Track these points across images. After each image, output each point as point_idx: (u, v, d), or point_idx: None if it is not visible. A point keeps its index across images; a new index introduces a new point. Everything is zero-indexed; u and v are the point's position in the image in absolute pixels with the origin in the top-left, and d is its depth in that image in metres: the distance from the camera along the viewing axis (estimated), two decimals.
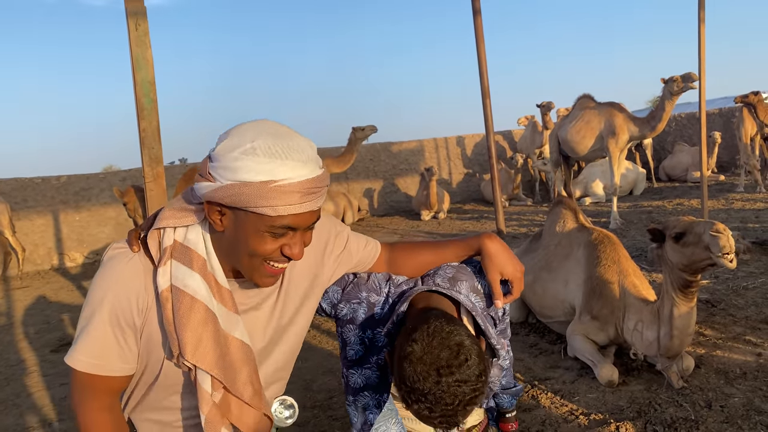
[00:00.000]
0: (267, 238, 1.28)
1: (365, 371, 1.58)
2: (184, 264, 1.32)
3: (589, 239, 4.21)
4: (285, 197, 1.23)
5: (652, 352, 3.59)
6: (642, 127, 9.01)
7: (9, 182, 11.60)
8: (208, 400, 1.33)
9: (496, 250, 1.61)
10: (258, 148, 1.21)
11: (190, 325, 1.30)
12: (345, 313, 1.61)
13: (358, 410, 1.61)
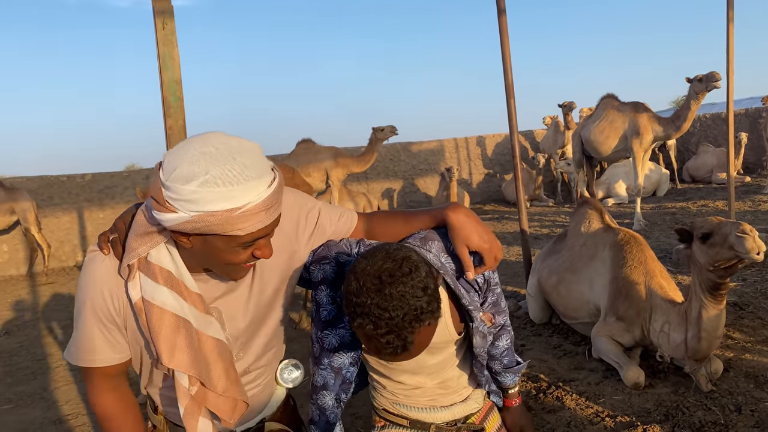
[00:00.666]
0: (239, 251, 1.34)
1: (339, 331, 1.54)
2: (150, 278, 1.38)
3: (615, 240, 4.16)
4: (251, 218, 1.27)
5: (680, 354, 3.54)
6: (667, 127, 8.90)
7: (35, 180, 11.79)
8: (185, 394, 1.43)
9: (460, 221, 1.56)
10: (217, 177, 1.22)
11: (163, 334, 1.38)
12: (316, 275, 1.57)
13: (333, 371, 1.58)
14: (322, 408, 1.63)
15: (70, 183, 12.03)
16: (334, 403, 1.62)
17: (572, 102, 12.31)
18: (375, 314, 1.24)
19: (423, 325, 1.27)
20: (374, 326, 1.25)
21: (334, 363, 1.58)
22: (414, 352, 1.33)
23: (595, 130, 9.60)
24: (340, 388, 1.61)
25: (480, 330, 1.59)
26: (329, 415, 1.64)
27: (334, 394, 1.62)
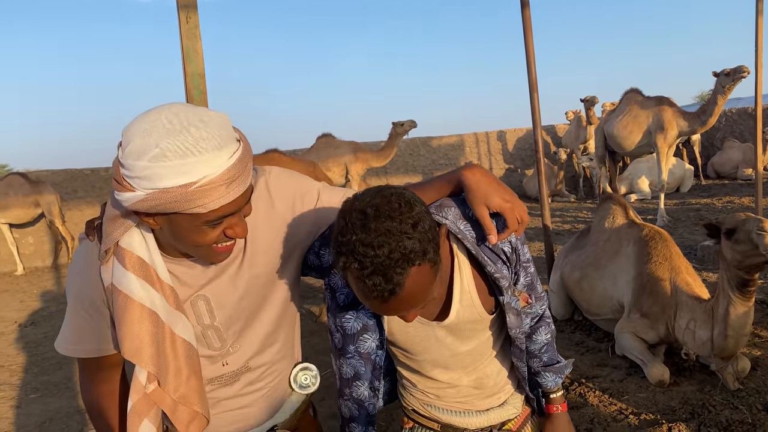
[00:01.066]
0: (206, 230, 1.23)
1: (359, 314, 1.41)
2: (120, 263, 1.29)
3: (640, 235, 4.11)
4: (211, 193, 1.15)
5: (705, 352, 3.49)
6: (692, 122, 8.75)
7: (60, 173, 11.96)
8: (139, 389, 1.31)
9: (477, 180, 1.41)
10: (167, 150, 1.11)
11: (126, 323, 1.28)
12: (327, 258, 1.45)
13: (362, 358, 1.45)
14: (359, 400, 1.52)
15: (94, 176, 12.19)
16: (370, 392, 1.51)
17: (594, 97, 12.17)
18: (360, 252, 1.10)
19: (413, 266, 1.11)
20: (360, 266, 1.11)
21: (361, 348, 1.46)
22: (405, 298, 1.15)
23: (618, 125, 9.48)
24: (373, 375, 1.49)
25: (513, 306, 1.43)
26: (368, 407, 1.53)
27: (368, 383, 1.50)
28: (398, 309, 1.19)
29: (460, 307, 1.41)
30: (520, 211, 1.41)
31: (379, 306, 1.17)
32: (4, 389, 4.88)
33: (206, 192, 1.15)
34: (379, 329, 1.44)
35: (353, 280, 1.15)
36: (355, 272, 1.13)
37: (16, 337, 6.51)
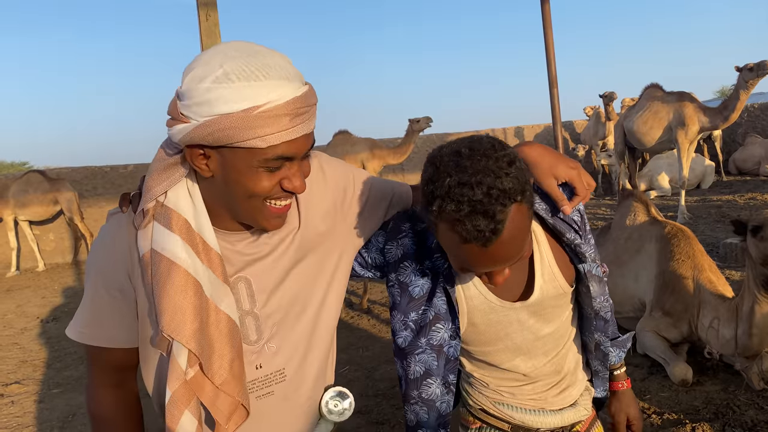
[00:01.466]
0: (262, 175, 1.11)
1: (434, 301, 1.35)
2: (163, 225, 1.16)
3: (662, 233, 4.06)
4: (273, 123, 1.06)
5: (729, 351, 3.44)
6: (714, 118, 8.63)
7: (80, 170, 12.10)
8: (179, 375, 1.14)
9: (540, 154, 1.36)
10: (231, 72, 1.04)
11: (167, 292, 1.13)
12: (395, 252, 1.40)
13: (434, 350, 1.37)
14: (430, 401, 1.41)
15: (113, 173, 12.31)
16: (442, 389, 1.40)
17: (613, 92, 12.05)
18: (456, 193, 1.04)
19: (513, 203, 1.06)
20: (456, 207, 1.05)
21: (433, 340, 1.36)
22: (506, 241, 1.07)
23: (638, 120, 9.37)
24: (446, 369, 1.39)
25: (594, 274, 1.38)
26: (440, 407, 1.42)
27: (440, 380, 1.39)
28: (497, 257, 1.10)
29: (543, 282, 1.36)
30: (586, 177, 1.38)
31: (477, 255, 1.10)
32: (27, 384, 4.95)
33: (268, 120, 1.05)
34: (452, 318, 1.36)
35: (448, 228, 1.08)
36: (452, 216, 1.06)
37: (38, 332, 6.60)
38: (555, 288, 1.38)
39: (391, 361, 4.53)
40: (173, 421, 1.15)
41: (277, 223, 1.20)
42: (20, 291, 9.23)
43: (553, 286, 1.37)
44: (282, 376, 1.30)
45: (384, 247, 1.43)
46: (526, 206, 1.11)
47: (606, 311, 1.47)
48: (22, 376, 5.17)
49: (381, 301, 6.31)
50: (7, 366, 5.50)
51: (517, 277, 1.37)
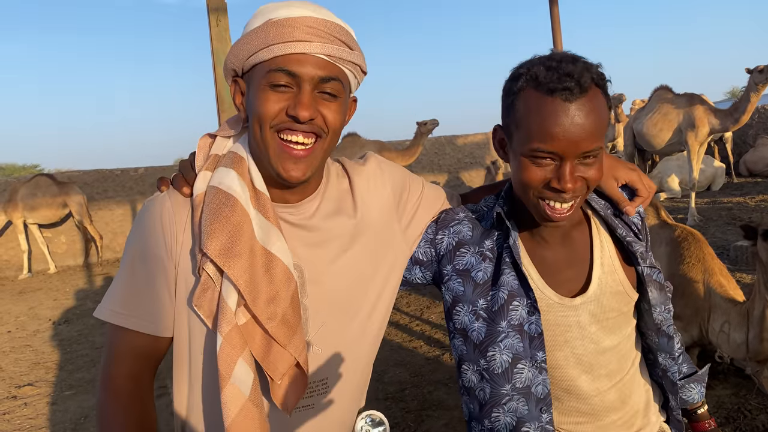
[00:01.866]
0: (269, 94, 1.10)
1: (504, 278, 1.29)
2: (225, 166, 1.16)
3: (672, 236, 4.04)
4: (281, 32, 1.08)
5: (740, 355, 3.42)
6: (724, 120, 8.59)
7: (91, 173, 12.19)
8: (230, 318, 1.07)
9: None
10: (270, 2, 1.14)
11: (219, 218, 1.09)
12: (448, 242, 1.35)
13: (516, 330, 1.27)
14: (526, 389, 1.27)
15: (124, 176, 12.40)
16: (534, 372, 1.27)
17: (622, 94, 12.02)
18: (543, 58, 1.17)
19: (594, 82, 1.14)
20: (545, 64, 1.14)
21: (513, 320, 1.27)
22: (588, 107, 1.12)
23: (648, 122, 9.35)
24: (532, 349, 1.27)
25: (654, 279, 1.32)
26: (537, 390, 1.27)
27: (530, 361, 1.27)
28: (575, 124, 1.11)
29: (602, 273, 1.31)
30: (646, 180, 1.38)
31: (558, 114, 1.11)
32: (40, 386, 5.00)
33: (277, 30, 1.08)
34: (526, 292, 1.28)
35: (533, 88, 1.15)
36: (541, 70, 1.14)
37: (51, 334, 6.66)
38: (615, 283, 1.31)
39: (401, 364, 4.54)
40: (227, 369, 1.06)
41: (293, 169, 1.13)
42: (33, 293, 9.32)
43: (613, 279, 1.31)
44: (325, 386, 1.22)
45: (435, 238, 1.38)
46: (605, 99, 1.17)
47: (668, 325, 1.36)
48: (35, 378, 5.22)
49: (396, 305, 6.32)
50: (20, 368, 5.55)
51: (575, 270, 1.32)
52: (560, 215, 1.19)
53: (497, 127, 1.30)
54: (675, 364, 1.38)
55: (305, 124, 1.11)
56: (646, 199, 1.37)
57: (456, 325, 1.34)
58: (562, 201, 1.18)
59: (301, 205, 1.22)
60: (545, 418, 1.27)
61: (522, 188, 1.22)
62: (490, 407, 1.30)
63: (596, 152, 1.15)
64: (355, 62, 1.16)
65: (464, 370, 1.35)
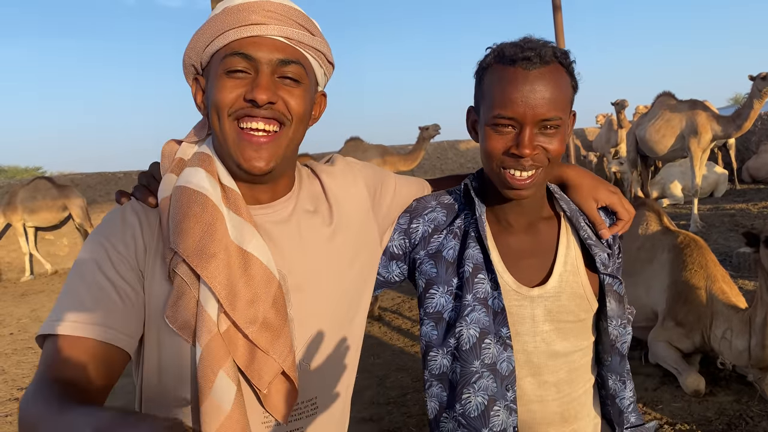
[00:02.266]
0: (225, 81, 1.05)
1: (469, 252, 1.29)
2: (192, 166, 1.09)
3: (675, 242, 4.05)
4: (236, 17, 1.04)
5: (742, 362, 3.43)
6: (727, 127, 8.59)
7: (94, 176, 12.22)
8: (211, 327, 0.98)
9: (579, 175, 1.38)
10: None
11: (190, 216, 1.02)
12: (422, 229, 1.35)
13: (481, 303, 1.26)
14: (492, 365, 1.25)
15: (127, 180, 12.41)
16: (499, 348, 1.26)
17: (624, 100, 12.04)
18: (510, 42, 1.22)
19: (558, 60, 1.20)
20: (510, 44, 1.21)
21: (479, 293, 1.26)
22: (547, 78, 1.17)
23: (650, 128, 9.35)
24: (497, 324, 1.26)
25: (615, 290, 1.31)
26: (502, 367, 1.25)
27: (494, 337, 1.26)
28: (535, 90, 1.16)
29: (564, 271, 1.30)
30: (627, 204, 1.37)
31: (519, 81, 1.17)
32: None
33: (232, 15, 1.04)
34: (487, 267, 1.28)
35: (498, 61, 1.21)
36: (506, 46, 1.21)
37: None
38: (576, 284, 1.30)
39: (403, 368, 4.54)
40: (207, 383, 0.98)
41: (255, 158, 1.06)
42: (35, 296, 9.33)
43: (575, 280, 1.30)
44: (314, 407, 1.14)
45: (409, 227, 1.37)
46: (569, 78, 1.22)
47: (623, 343, 1.34)
48: None
49: (392, 308, 6.32)
50: (22, 370, 5.55)
51: (537, 261, 1.32)
52: (521, 183, 1.20)
53: (470, 108, 1.34)
54: (624, 390, 1.36)
55: (265, 110, 1.05)
56: (627, 223, 1.37)
57: (429, 309, 1.32)
58: (522, 169, 1.19)
59: (275, 206, 1.16)
60: (509, 396, 1.26)
61: (486, 159, 1.24)
62: (461, 388, 1.26)
63: (556, 122, 1.18)
64: (317, 48, 1.12)
65: (432, 357, 1.32)
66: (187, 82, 1.16)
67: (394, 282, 1.42)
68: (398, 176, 1.43)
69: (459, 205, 1.39)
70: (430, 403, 1.35)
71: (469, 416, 1.26)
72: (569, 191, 1.39)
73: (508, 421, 1.26)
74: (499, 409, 1.25)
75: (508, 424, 1.25)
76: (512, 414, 1.26)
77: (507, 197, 1.25)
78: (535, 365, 1.30)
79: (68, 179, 11.93)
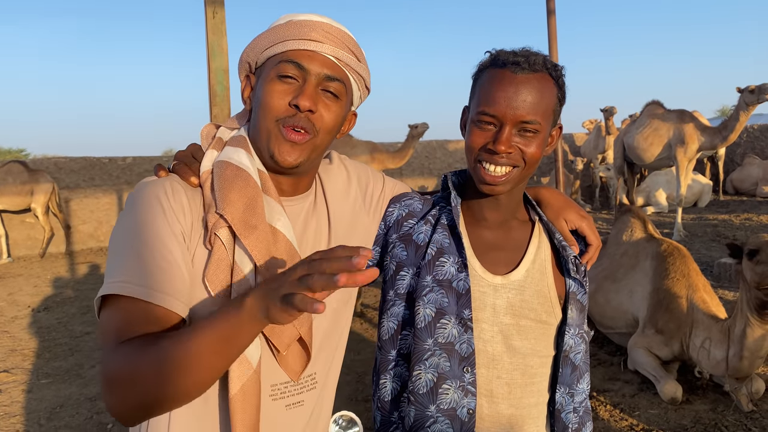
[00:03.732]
0: (276, 85, 1.15)
1: (437, 236, 1.34)
2: (232, 145, 1.20)
3: (658, 250, 4.07)
4: (299, 30, 1.16)
5: (720, 371, 3.45)
6: (713, 138, 8.68)
7: (78, 161, 12.07)
8: (246, 290, 1.06)
9: (551, 195, 1.46)
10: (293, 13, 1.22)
11: (235, 188, 1.11)
12: (397, 213, 1.40)
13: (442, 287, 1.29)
14: (449, 345, 1.27)
15: (112, 165, 12.28)
16: (459, 329, 1.28)
17: (613, 107, 12.11)
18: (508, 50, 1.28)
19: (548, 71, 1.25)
20: (507, 50, 1.27)
21: (439, 275, 1.30)
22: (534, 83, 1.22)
23: (638, 136, 9.41)
24: (459, 306, 1.29)
25: (578, 299, 1.34)
26: (461, 348, 1.28)
27: (455, 318, 1.28)
28: (519, 92, 1.22)
29: (531, 267, 1.33)
30: (596, 231, 1.43)
31: (506, 82, 1.22)
32: (16, 373, 4.93)
33: (291, 28, 1.17)
34: (458, 249, 1.31)
35: (491, 64, 1.27)
36: (499, 53, 1.27)
37: (29, 321, 6.57)
38: (542, 283, 1.33)
39: None
40: None
41: (288, 152, 1.15)
42: (13, 279, 9.20)
43: (541, 279, 1.33)
44: (314, 382, 1.23)
45: (386, 212, 1.44)
46: (556, 90, 1.26)
47: (576, 353, 1.35)
48: (11, 365, 5.15)
49: (374, 305, 6.31)
50: None
51: (507, 255, 1.35)
52: (494, 178, 1.25)
53: (465, 108, 1.39)
54: (571, 403, 1.35)
55: (303, 119, 1.15)
56: (596, 251, 1.42)
57: (399, 290, 1.36)
58: (496, 164, 1.24)
59: (294, 200, 1.26)
60: (468, 378, 1.27)
61: (467, 153, 1.30)
62: (413, 365, 1.30)
63: (534, 127, 1.23)
64: (360, 73, 1.24)
65: (404, 336, 1.34)
66: (239, 77, 1.28)
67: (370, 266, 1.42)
68: (389, 178, 1.52)
69: (436, 199, 1.45)
70: (390, 384, 1.36)
71: (417, 392, 1.29)
72: (542, 209, 1.45)
73: (462, 402, 1.27)
74: (449, 387, 1.27)
75: (461, 404, 1.27)
76: (468, 396, 1.27)
77: (482, 192, 1.30)
78: (490, 356, 1.30)
79: (51, 162, 11.77)
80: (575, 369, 1.35)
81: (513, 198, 1.36)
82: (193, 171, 1.19)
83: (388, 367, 1.37)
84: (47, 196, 10.69)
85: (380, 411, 1.39)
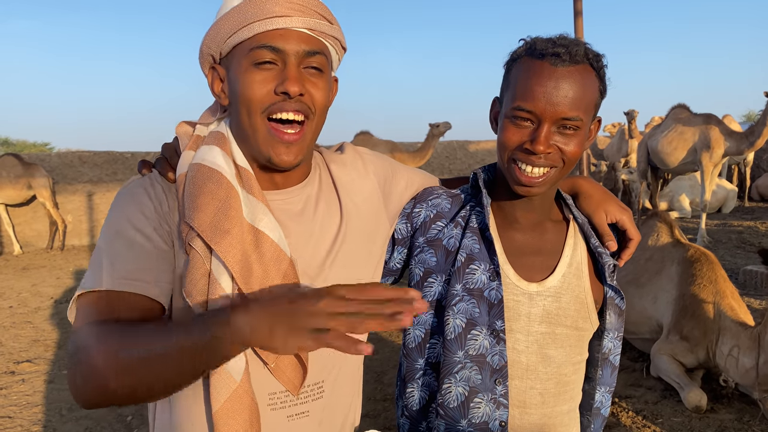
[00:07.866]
0: (254, 74, 1.05)
1: (466, 242, 1.26)
2: (207, 144, 1.11)
3: (685, 256, 4.00)
4: (260, 9, 1.04)
5: (748, 380, 3.38)
6: (739, 143, 8.52)
7: (102, 155, 12.20)
8: (222, 301, 1.00)
9: (592, 186, 1.36)
10: None
11: (205, 192, 1.03)
12: (424, 214, 1.32)
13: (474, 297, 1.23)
14: (480, 357, 1.22)
15: (134, 160, 12.40)
16: (491, 341, 1.22)
17: (633, 110, 11.97)
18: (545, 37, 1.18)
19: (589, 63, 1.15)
20: (544, 38, 1.17)
21: (469, 284, 1.23)
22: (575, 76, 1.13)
23: (663, 140, 9.28)
24: (491, 316, 1.23)
25: (617, 304, 1.29)
26: (492, 360, 1.22)
27: (487, 329, 1.23)
28: (559, 87, 1.12)
29: (568, 271, 1.26)
30: (635, 226, 1.34)
31: (545, 76, 1.13)
32: (38, 363, 4.99)
33: (258, 5, 1.04)
34: (490, 255, 1.24)
35: (528, 53, 1.17)
36: (535, 41, 1.17)
37: (51, 312, 6.65)
38: (579, 287, 1.27)
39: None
40: None
41: (285, 153, 1.09)
42: (36, 270, 9.33)
43: (578, 283, 1.27)
44: (320, 390, 1.14)
45: (412, 212, 1.34)
46: (598, 82, 1.17)
47: (615, 355, 1.34)
48: (34, 354, 5.21)
49: None
50: (20, 344, 5.54)
51: (541, 259, 1.28)
52: (529, 179, 1.17)
53: (495, 99, 1.30)
54: (610, 399, 1.37)
55: (295, 102, 1.07)
56: (636, 244, 1.33)
57: (427, 298, 1.29)
58: (533, 165, 1.16)
59: (290, 192, 1.18)
60: (500, 391, 1.22)
61: (500, 151, 1.21)
62: (443, 378, 1.24)
63: (576, 123, 1.14)
64: (335, 36, 1.14)
65: (432, 345, 1.29)
66: (203, 70, 1.17)
67: (394, 269, 1.39)
68: (410, 168, 1.42)
69: (465, 196, 1.36)
70: (418, 393, 1.31)
71: (448, 406, 1.24)
72: (580, 200, 1.36)
73: (494, 415, 1.22)
74: (480, 401, 1.22)
75: (492, 417, 1.22)
76: (500, 408, 1.22)
77: (516, 193, 1.22)
78: (524, 366, 1.25)
79: (76, 156, 11.92)
80: (614, 369, 1.34)
81: (547, 198, 1.28)
82: (173, 165, 1.13)
83: (415, 375, 1.32)
84: (49, 190, 10.80)
85: (408, 420, 1.34)
